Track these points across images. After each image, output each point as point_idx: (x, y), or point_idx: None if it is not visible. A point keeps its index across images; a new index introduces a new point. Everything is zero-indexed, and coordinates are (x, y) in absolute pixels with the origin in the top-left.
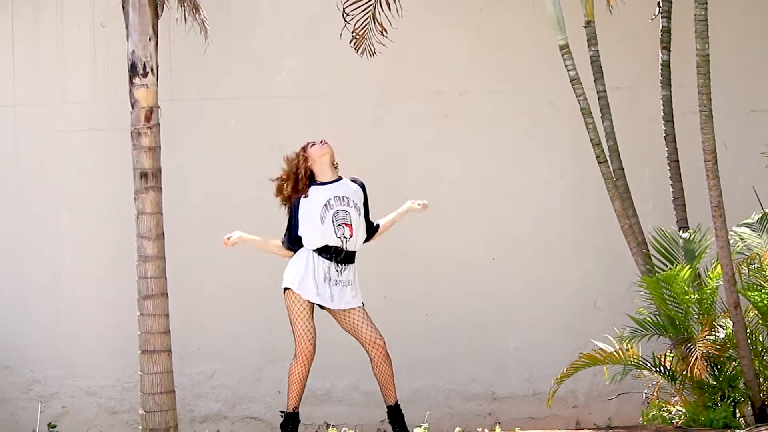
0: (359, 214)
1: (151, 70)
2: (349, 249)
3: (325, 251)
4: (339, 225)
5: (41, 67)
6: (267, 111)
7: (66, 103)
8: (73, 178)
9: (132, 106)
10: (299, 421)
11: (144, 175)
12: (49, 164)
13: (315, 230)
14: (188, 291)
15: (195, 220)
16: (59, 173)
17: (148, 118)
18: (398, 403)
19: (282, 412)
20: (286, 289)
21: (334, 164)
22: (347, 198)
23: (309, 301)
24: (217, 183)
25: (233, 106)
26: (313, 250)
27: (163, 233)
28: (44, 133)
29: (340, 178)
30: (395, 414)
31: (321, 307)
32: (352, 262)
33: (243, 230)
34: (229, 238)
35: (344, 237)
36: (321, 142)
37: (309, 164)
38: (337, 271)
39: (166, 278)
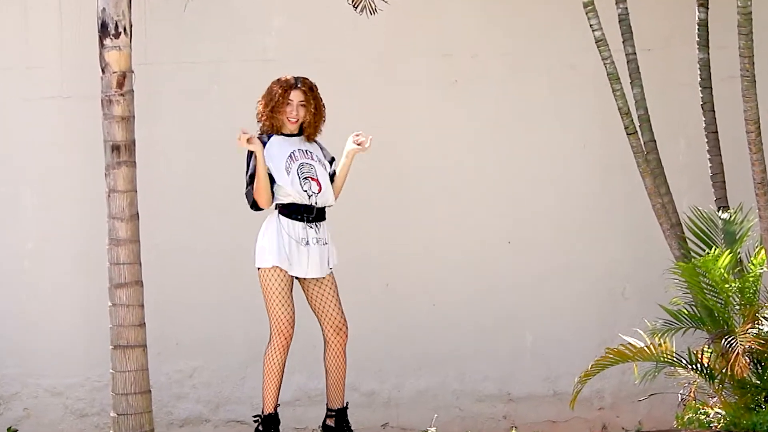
0: (324, 169)
1: (124, 30)
2: (318, 205)
3: (295, 212)
4: (305, 178)
5: (1, 28)
6: (254, 76)
7: (29, 68)
8: (37, 152)
9: (102, 70)
10: (279, 421)
11: (116, 148)
12: (11, 136)
13: (282, 180)
14: (166, 279)
15: (173, 198)
16: (21, 146)
17: (120, 84)
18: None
19: (256, 417)
20: (259, 268)
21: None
22: (310, 152)
23: (289, 278)
24: (198, 157)
25: (216, 70)
26: (281, 213)
27: (138, 213)
28: (5, 101)
29: (300, 133)
30: (344, 418)
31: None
32: (324, 219)
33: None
34: (248, 140)
35: (312, 192)
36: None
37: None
38: (313, 228)
39: (140, 264)
